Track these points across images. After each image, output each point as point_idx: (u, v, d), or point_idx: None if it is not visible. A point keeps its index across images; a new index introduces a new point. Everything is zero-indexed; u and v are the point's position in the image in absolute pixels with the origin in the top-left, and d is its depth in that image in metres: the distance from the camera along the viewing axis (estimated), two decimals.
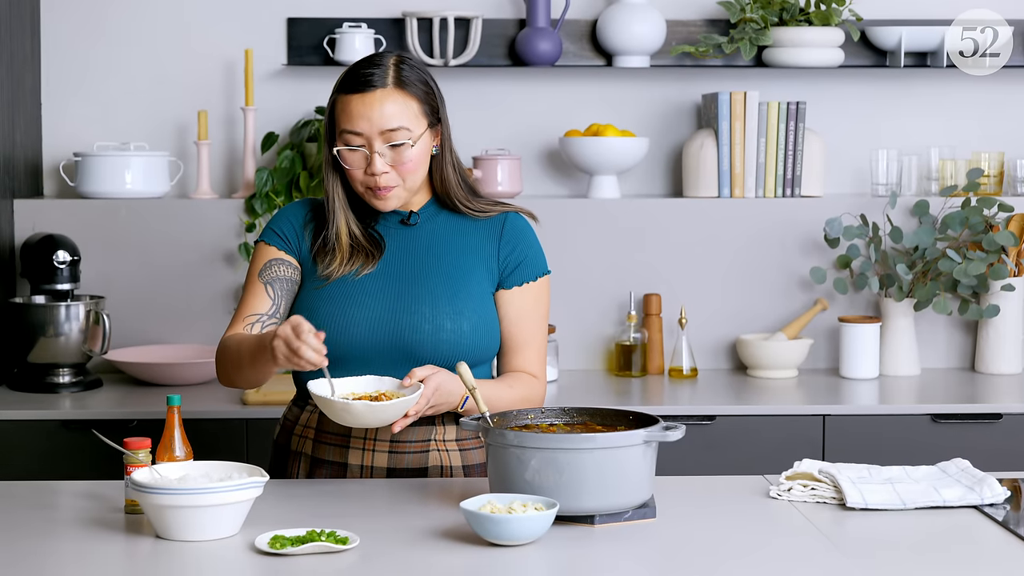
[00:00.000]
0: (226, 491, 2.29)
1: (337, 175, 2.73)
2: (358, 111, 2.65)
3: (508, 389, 2.71)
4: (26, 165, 4.17)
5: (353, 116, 2.65)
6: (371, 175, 2.66)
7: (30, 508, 2.53)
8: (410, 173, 2.68)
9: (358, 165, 2.68)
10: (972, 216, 4.10)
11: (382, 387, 2.59)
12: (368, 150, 2.65)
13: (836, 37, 4.22)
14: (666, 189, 4.41)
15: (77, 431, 3.63)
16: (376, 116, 2.64)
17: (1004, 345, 4.19)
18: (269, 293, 2.73)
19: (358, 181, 2.69)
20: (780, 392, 3.96)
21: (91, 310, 3.88)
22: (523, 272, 2.77)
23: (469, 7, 4.30)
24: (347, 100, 2.66)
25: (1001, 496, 2.55)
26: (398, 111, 2.66)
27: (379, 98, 2.65)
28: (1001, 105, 4.41)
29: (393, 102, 2.65)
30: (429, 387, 2.55)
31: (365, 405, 2.49)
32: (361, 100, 2.65)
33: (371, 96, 2.65)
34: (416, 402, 2.53)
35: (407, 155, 2.67)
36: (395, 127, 2.65)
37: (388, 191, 2.68)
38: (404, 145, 2.66)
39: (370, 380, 2.60)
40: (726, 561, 2.26)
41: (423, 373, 2.56)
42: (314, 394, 2.52)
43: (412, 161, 2.67)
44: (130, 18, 4.28)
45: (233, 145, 4.32)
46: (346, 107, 2.66)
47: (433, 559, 2.24)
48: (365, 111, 2.64)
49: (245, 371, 2.65)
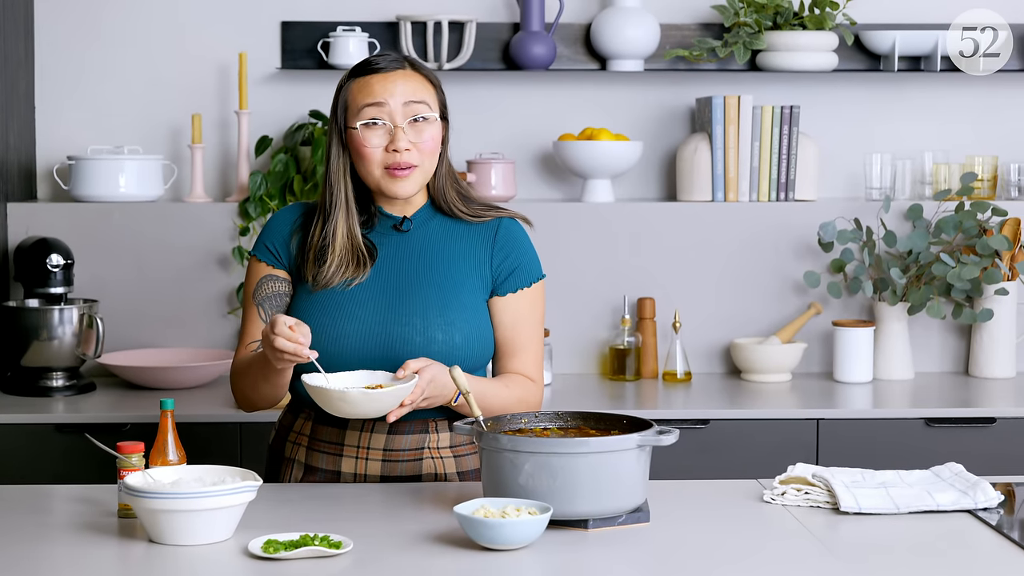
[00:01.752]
0: (219, 495, 2.29)
1: (348, 171, 2.71)
2: (380, 86, 2.67)
3: (504, 388, 2.71)
4: (19, 168, 4.17)
5: (375, 91, 2.67)
6: (394, 151, 2.66)
7: (23, 512, 2.52)
8: (429, 154, 2.69)
9: (378, 143, 2.67)
10: (966, 220, 4.11)
11: (375, 380, 2.60)
12: (391, 123, 2.66)
13: (830, 41, 4.22)
14: (660, 193, 4.41)
15: (70, 435, 3.63)
16: (399, 89, 2.67)
17: (998, 349, 4.19)
18: (262, 315, 2.74)
19: (376, 163, 2.67)
20: (774, 396, 3.97)
21: (84, 314, 3.87)
22: (517, 278, 2.77)
23: (463, 11, 4.30)
24: (366, 80, 2.69)
25: (995, 500, 2.55)
26: (420, 87, 2.70)
27: (400, 76, 2.69)
28: (995, 109, 4.42)
29: (415, 80, 2.70)
30: (424, 378, 2.55)
31: (362, 393, 2.50)
32: (383, 77, 2.68)
33: (393, 74, 2.69)
34: (411, 392, 2.53)
35: (427, 133, 2.68)
36: (419, 99, 2.68)
37: (410, 171, 2.67)
38: (426, 121, 2.68)
39: (363, 374, 2.61)
40: (720, 565, 2.26)
41: (417, 365, 2.57)
42: (309, 385, 2.53)
43: (433, 140, 2.69)
44: (124, 21, 4.28)
45: (227, 149, 4.32)
46: (366, 85, 2.68)
47: (426, 563, 2.24)
48: (388, 85, 2.67)
49: (261, 388, 2.69)
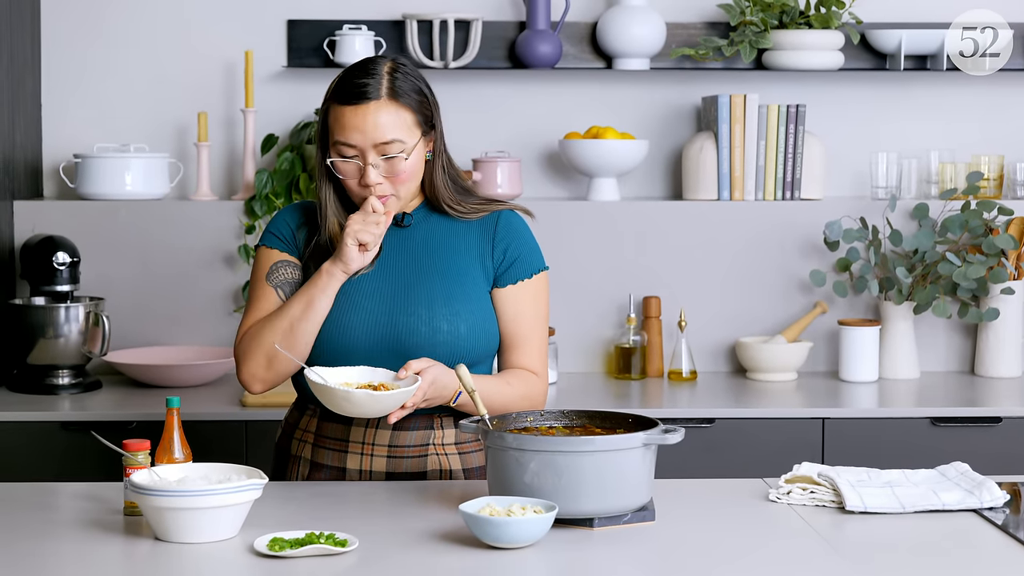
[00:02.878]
0: (225, 493, 2.29)
1: (330, 182, 2.72)
2: (351, 123, 2.63)
3: (507, 386, 2.71)
4: (26, 166, 4.17)
5: (347, 128, 2.64)
6: (365, 186, 2.66)
7: (29, 510, 2.53)
8: (403, 183, 2.68)
9: (352, 175, 2.67)
10: (972, 219, 4.10)
11: (376, 378, 2.60)
12: (362, 161, 2.65)
13: (836, 40, 4.22)
14: (666, 192, 4.41)
15: (76, 433, 3.63)
16: (370, 129, 2.63)
17: (1004, 348, 4.19)
18: (281, 296, 2.72)
19: (353, 191, 2.69)
20: (779, 395, 3.96)
21: (91, 311, 3.88)
22: (518, 269, 2.77)
23: (469, 9, 4.30)
24: (340, 111, 2.65)
25: (1000, 500, 2.55)
26: (392, 123, 2.64)
27: (372, 110, 2.63)
28: (1001, 108, 4.41)
29: (387, 114, 2.64)
30: (426, 380, 2.55)
31: (366, 394, 2.50)
32: (354, 112, 2.63)
33: (364, 108, 2.63)
34: (413, 394, 2.53)
35: (401, 167, 2.66)
36: (389, 140, 2.64)
37: (384, 199, 2.68)
38: (398, 158, 2.65)
39: (364, 371, 2.61)
40: (725, 564, 2.26)
41: (419, 365, 2.57)
42: (312, 382, 2.53)
43: (406, 172, 2.67)
44: (130, 20, 4.28)
45: (233, 147, 4.32)
46: (339, 118, 2.65)
47: (432, 561, 2.24)
48: (359, 123, 2.63)
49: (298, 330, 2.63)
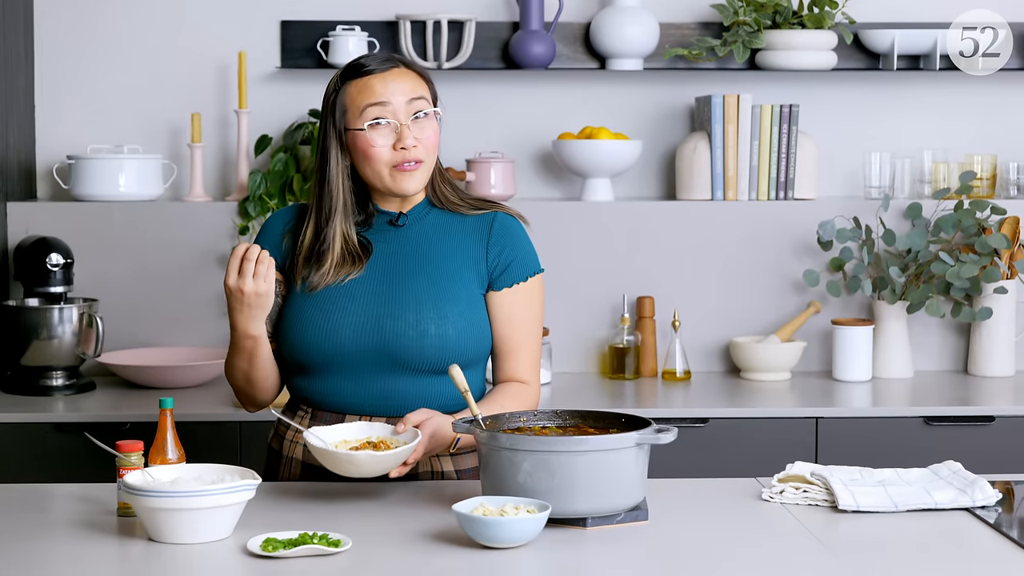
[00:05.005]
0: (218, 494, 2.29)
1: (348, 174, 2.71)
2: (380, 85, 2.68)
3: (499, 409, 2.68)
4: (19, 168, 4.17)
5: (376, 91, 2.68)
6: (402, 149, 2.66)
7: (23, 511, 2.53)
8: (433, 149, 2.71)
9: (385, 143, 2.67)
10: (965, 219, 4.11)
11: (374, 433, 2.58)
12: (396, 121, 2.67)
13: (829, 40, 4.22)
14: (659, 192, 4.41)
15: (70, 434, 3.63)
16: (400, 87, 2.68)
17: (996, 348, 4.19)
18: None
19: (384, 162, 2.67)
20: (773, 394, 3.97)
21: (84, 313, 3.87)
22: (513, 273, 2.76)
23: (462, 10, 4.30)
24: (365, 81, 2.68)
25: (993, 499, 2.56)
26: (417, 84, 2.71)
27: (397, 74, 2.70)
28: (994, 108, 4.42)
29: (411, 76, 2.71)
30: (425, 434, 2.55)
31: (368, 455, 2.47)
32: (381, 77, 2.69)
33: (389, 73, 2.69)
34: (415, 451, 2.52)
35: (430, 128, 2.70)
36: (418, 95, 2.69)
37: (418, 166, 2.68)
38: (427, 117, 2.69)
39: (361, 427, 2.59)
40: (718, 564, 2.26)
41: (417, 418, 2.56)
42: (312, 446, 2.50)
43: (435, 134, 2.70)
44: (123, 20, 4.28)
45: (226, 148, 4.32)
46: (365, 87, 2.68)
47: (425, 562, 2.24)
48: (389, 83, 2.68)
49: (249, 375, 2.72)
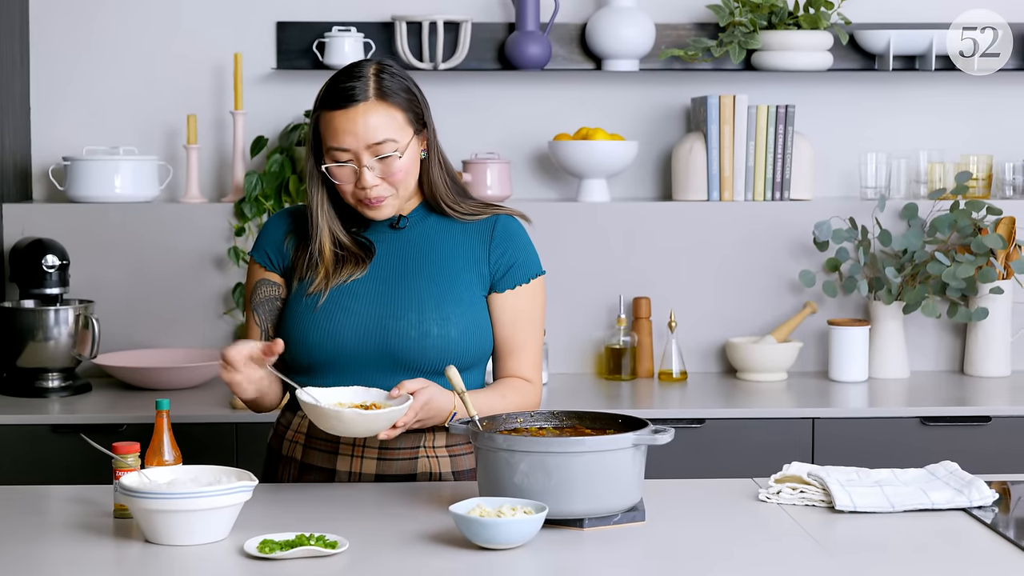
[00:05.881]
0: (215, 495, 2.29)
1: (323, 188, 2.72)
2: (343, 127, 2.63)
3: (501, 399, 2.71)
4: (15, 169, 4.16)
5: (338, 132, 2.64)
6: (362, 189, 2.66)
7: (19, 513, 2.53)
8: (400, 182, 2.68)
9: (348, 180, 2.67)
10: (961, 219, 4.11)
11: (369, 398, 2.59)
12: (357, 165, 2.65)
13: (825, 41, 4.22)
14: (655, 192, 4.41)
15: (66, 436, 3.63)
16: (361, 130, 2.63)
17: (993, 348, 4.19)
18: (257, 321, 2.77)
19: (348, 195, 2.69)
20: (769, 395, 3.97)
21: (80, 314, 3.87)
22: (515, 274, 2.77)
23: (458, 11, 4.30)
24: (331, 116, 2.65)
25: (989, 499, 2.56)
26: (383, 123, 2.64)
27: (362, 112, 2.63)
28: (990, 108, 4.42)
29: (377, 114, 2.64)
30: (418, 400, 2.55)
31: (356, 413, 2.48)
32: (344, 116, 2.63)
33: (354, 111, 2.63)
34: (405, 414, 2.53)
35: (396, 166, 2.66)
36: (381, 140, 2.64)
37: (381, 202, 2.68)
38: (392, 157, 2.65)
39: (357, 391, 2.60)
40: (715, 564, 2.26)
41: (413, 386, 2.56)
42: (303, 401, 2.52)
43: (402, 171, 2.67)
44: (119, 22, 4.28)
45: (222, 149, 4.32)
46: (330, 124, 2.65)
47: (422, 563, 2.24)
48: (350, 126, 2.63)
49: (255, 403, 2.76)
